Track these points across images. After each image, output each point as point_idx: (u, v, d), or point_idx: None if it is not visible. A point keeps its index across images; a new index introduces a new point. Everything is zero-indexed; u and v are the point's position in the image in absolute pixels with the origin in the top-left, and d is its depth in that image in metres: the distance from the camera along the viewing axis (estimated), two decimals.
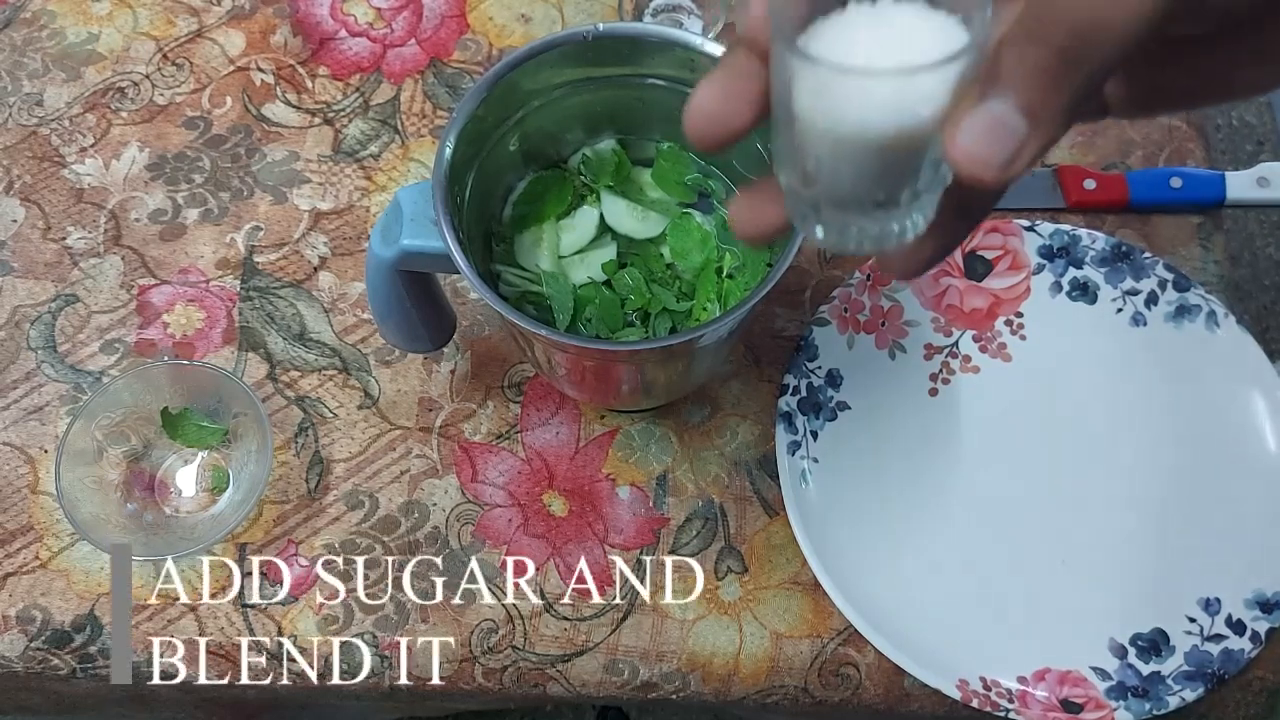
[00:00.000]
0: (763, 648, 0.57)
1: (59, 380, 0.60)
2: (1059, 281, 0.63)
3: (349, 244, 0.64)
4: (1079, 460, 0.60)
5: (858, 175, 0.26)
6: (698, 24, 0.68)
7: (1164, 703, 0.54)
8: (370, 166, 0.66)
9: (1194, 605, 0.57)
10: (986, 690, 0.54)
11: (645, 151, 0.55)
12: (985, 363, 0.62)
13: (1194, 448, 0.60)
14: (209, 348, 0.61)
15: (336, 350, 0.62)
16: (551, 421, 0.60)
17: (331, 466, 0.59)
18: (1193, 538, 0.58)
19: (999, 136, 0.24)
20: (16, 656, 0.55)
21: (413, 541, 0.58)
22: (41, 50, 0.68)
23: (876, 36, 0.25)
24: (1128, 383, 0.61)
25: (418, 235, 0.46)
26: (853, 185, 0.26)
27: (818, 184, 0.27)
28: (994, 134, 0.24)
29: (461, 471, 0.59)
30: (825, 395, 0.60)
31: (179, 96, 0.67)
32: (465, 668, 0.56)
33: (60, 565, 0.57)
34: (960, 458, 0.60)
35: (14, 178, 0.65)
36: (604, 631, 0.57)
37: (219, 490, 0.59)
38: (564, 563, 0.58)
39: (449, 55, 0.69)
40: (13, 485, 0.58)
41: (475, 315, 0.62)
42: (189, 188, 0.65)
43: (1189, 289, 0.62)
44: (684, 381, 0.56)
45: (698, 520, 0.59)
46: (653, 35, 0.49)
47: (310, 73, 0.68)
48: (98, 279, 0.63)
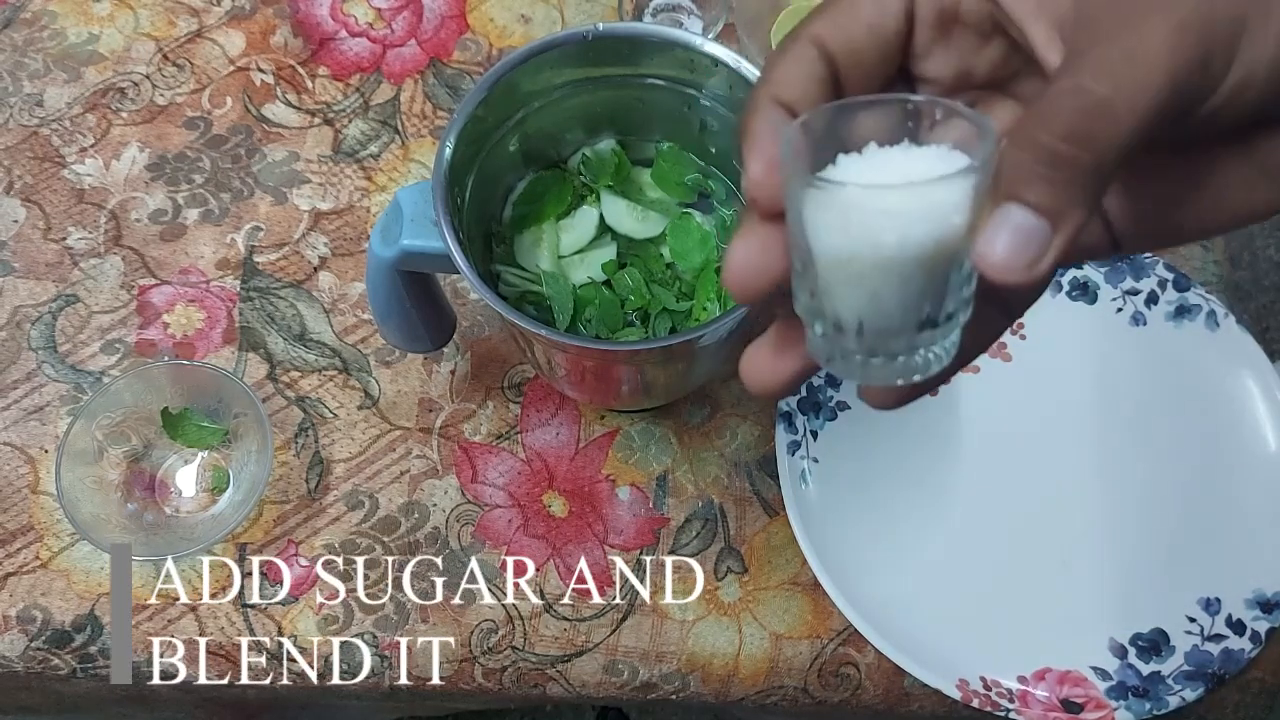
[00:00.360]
0: (762, 648, 0.57)
1: (59, 380, 0.60)
2: (1059, 281, 0.63)
3: (349, 244, 0.64)
4: (1079, 460, 0.60)
5: (903, 301, 0.25)
6: (698, 24, 0.68)
7: (1164, 703, 0.54)
8: (370, 167, 0.66)
9: (1194, 605, 0.57)
10: (987, 690, 0.54)
11: (645, 151, 0.55)
12: (985, 362, 0.62)
13: (1194, 447, 0.60)
14: (209, 348, 0.61)
15: (337, 350, 0.62)
16: (551, 422, 0.60)
17: (331, 467, 0.59)
18: (1193, 537, 0.58)
19: (1022, 241, 0.24)
20: (17, 656, 0.55)
21: (413, 542, 0.58)
22: (42, 51, 0.68)
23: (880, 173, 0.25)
24: (1128, 383, 0.61)
25: (418, 235, 0.46)
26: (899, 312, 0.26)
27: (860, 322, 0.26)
28: (1017, 240, 0.24)
29: (461, 472, 0.59)
30: (825, 395, 0.60)
31: (179, 97, 0.67)
32: (465, 668, 0.56)
33: (60, 565, 0.57)
34: (960, 457, 0.60)
35: (15, 178, 0.65)
36: (604, 632, 0.57)
37: (219, 490, 0.59)
38: (564, 563, 0.58)
39: (449, 56, 0.69)
40: (13, 485, 0.58)
41: (475, 315, 0.62)
42: (189, 188, 0.65)
43: (1189, 289, 0.62)
44: (684, 382, 0.56)
45: (698, 521, 0.59)
46: (653, 35, 0.49)
47: (310, 73, 0.68)
48: (98, 279, 0.63)
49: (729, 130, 0.51)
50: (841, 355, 0.27)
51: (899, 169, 0.25)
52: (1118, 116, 0.23)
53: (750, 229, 0.27)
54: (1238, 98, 0.24)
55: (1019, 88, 0.29)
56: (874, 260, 0.25)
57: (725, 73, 0.48)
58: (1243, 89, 0.24)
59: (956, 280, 0.25)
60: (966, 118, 0.25)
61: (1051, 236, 0.24)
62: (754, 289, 0.27)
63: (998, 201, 0.24)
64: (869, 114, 0.26)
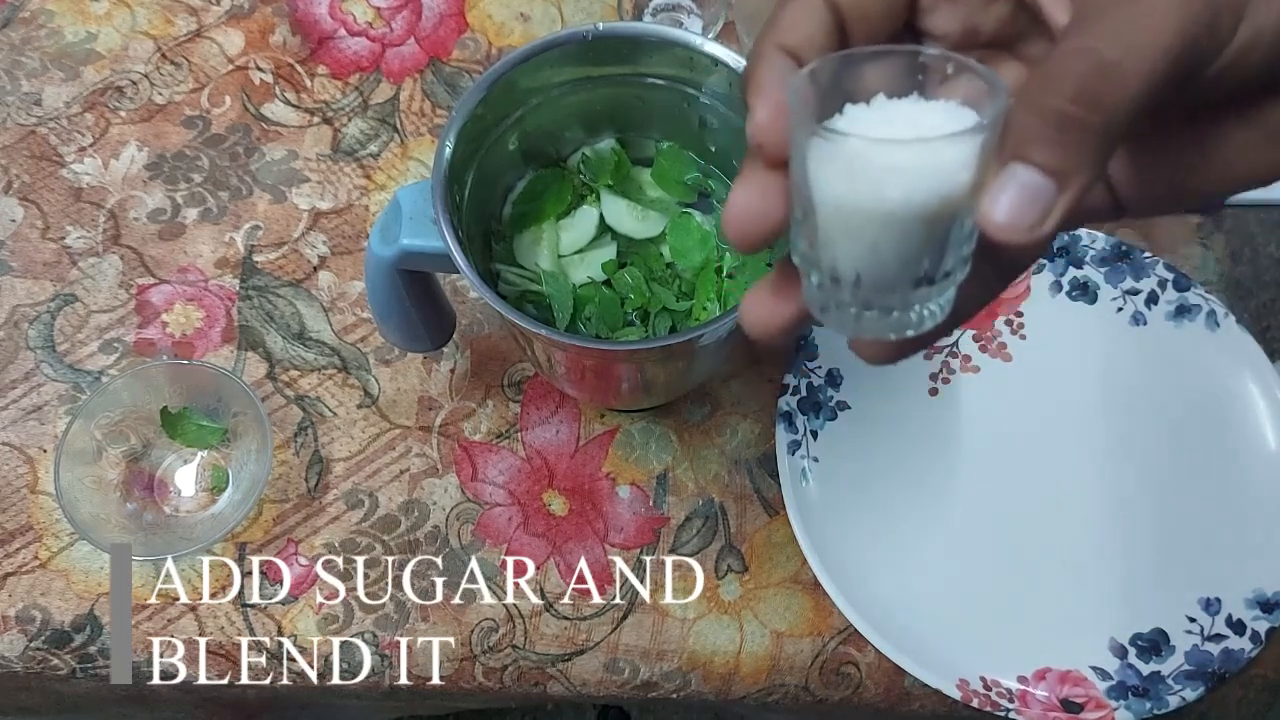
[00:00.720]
0: (763, 647, 0.57)
1: (58, 380, 0.60)
2: (1059, 281, 0.63)
3: (348, 243, 0.64)
4: (1079, 460, 0.60)
5: (902, 255, 0.25)
6: (698, 24, 0.68)
7: (1164, 702, 0.54)
8: (369, 165, 0.66)
9: (1194, 605, 0.57)
10: (987, 690, 0.54)
11: (645, 151, 0.55)
12: (985, 362, 0.62)
13: (1194, 447, 0.60)
14: (208, 347, 0.61)
15: (336, 349, 0.62)
16: (551, 420, 0.60)
17: (331, 466, 0.59)
18: (1193, 537, 0.58)
19: (1027, 201, 0.24)
20: (16, 656, 0.55)
21: (413, 541, 0.58)
22: (40, 49, 0.67)
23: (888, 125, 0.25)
24: (1128, 382, 0.61)
25: (417, 234, 0.45)
26: (897, 266, 0.26)
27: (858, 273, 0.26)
28: (1023, 199, 0.24)
29: (461, 470, 0.59)
30: (825, 395, 0.60)
31: (178, 96, 0.67)
32: (465, 667, 0.56)
33: (60, 565, 0.57)
34: (960, 457, 0.60)
35: (13, 177, 0.64)
36: (604, 631, 0.57)
37: (218, 490, 0.59)
38: (564, 562, 0.58)
39: (448, 54, 0.69)
40: (12, 485, 0.58)
41: (475, 314, 0.62)
42: (188, 187, 0.65)
43: (1189, 288, 0.62)
44: (684, 380, 0.56)
45: (698, 519, 0.59)
46: (652, 35, 0.49)
47: (309, 72, 0.68)
48: (97, 278, 0.62)
49: (729, 129, 0.51)
50: (836, 306, 0.27)
51: (907, 122, 0.25)
52: (1126, 79, 0.23)
53: (752, 175, 0.27)
54: (1244, 59, 0.24)
55: (1025, 48, 0.29)
56: (876, 213, 0.24)
57: (725, 72, 0.48)
58: (1249, 51, 0.24)
59: (957, 238, 0.25)
60: (978, 73, 0.25)
61: (1056, 197, 0.24)
62: (754, 236, 0.27)
63: (1004, 161, 0.24)
64: (878, 65, 0.26)
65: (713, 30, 0.67)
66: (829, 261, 0.26)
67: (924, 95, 0.25)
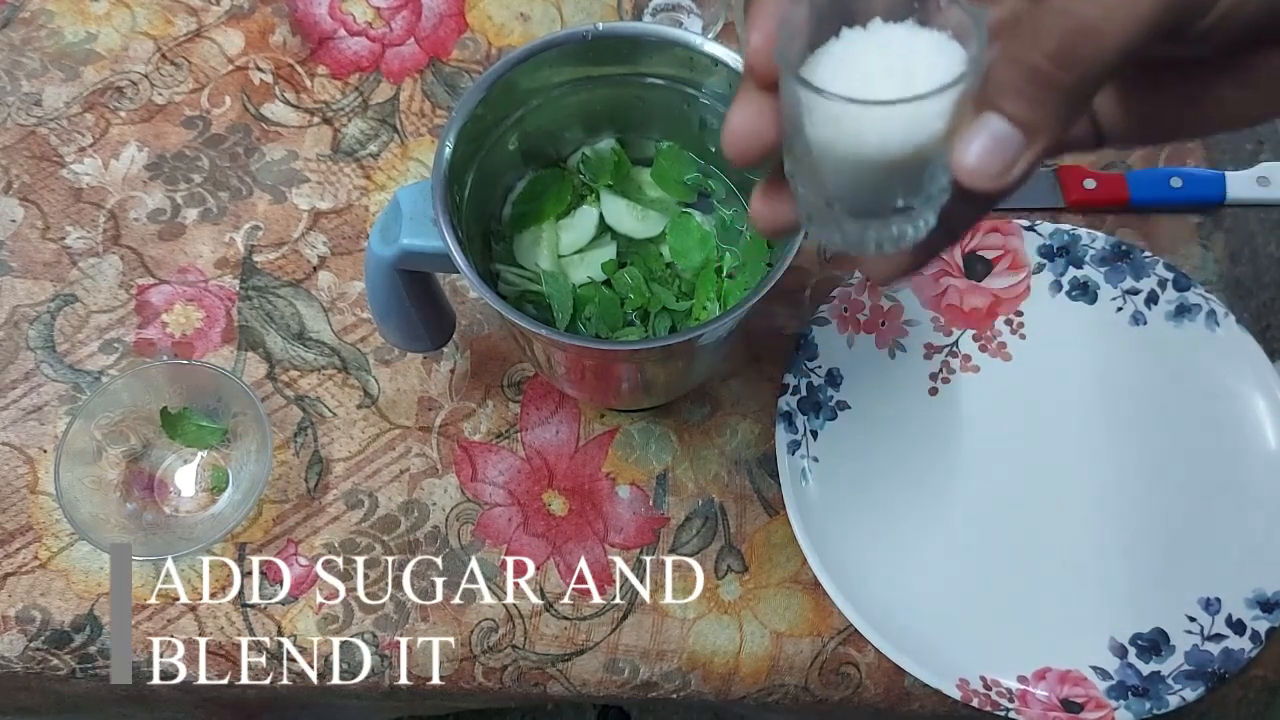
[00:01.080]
0: (763, 647, 0.57)
1: (58, 380, 0.60)
2: (1059, 281, 0.63)
3: (348, 243, 0.64)
4: (1079, 460, 0.60)
5: (878, 190, 0.27)
6: (698, 24, 0.68)
7: (1164, 702, 0.54)
8: (369, 166, 0.66)
9: (1194, 605, 0.57)
10: (987, 690, 0.54)
11: (645, 151, 0.55)
12: (985, 362, 0.62)
13: (1194, 447, 0.60)
14: (208, 347, 0.61)
15: (336, 349, 0.62)
16: (551, 420, 0.60)
17: (331, 466, 0.59)
18: (1193, 537, 0.58)
19: (996, 150, 0.25)
20: (16, 656, 0.55)
21: (413, 541, 0.58)
22: (40, 50, 0.67)
23: (878, 61, 0.26)
24: (1128, 382, 0.61)
25: (417, 234, 0.45)
26: (874, 198, 0.28)
27: (838, 199, 0.28)
28: (991, 148, 0.25)
29: (461, 471, 0.59)
30: (825, 394, 0.60)
31: (178, 96, 0.67)
32: (465, 667, 0.56)
33: (60, 565, 0.57)
34: (960, 457, 0.60)
35: (13, 177, 0.64)
36: (604, 631, 0.57)
37: (218, 490, 0.59)
38: (564, 562, 0.58)
39: (448, 54, 0.69)
40: (12, 485, 0.58)
41: (475, 314, 0.62)
42: (188, 187, 0.65)
43: (1189, 288, 0.62)
44: (684, 380, 0.56)
45: (698, 519, 0.59)
46: (652, 35, 0.49)
47: (309, 72, 0.68)
48: (96, 279, 0.62)
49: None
50: (821, 218, 0.29)
51: (900, 50, 0.26)
52: (1103, 39, 0.24)
53: (748, 96, 0.28)
54: (1236, 12, 0.25)
55: None
56: (855, 155, 0.26)
57: (725, 71, 0.48)
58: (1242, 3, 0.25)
59: (933, 173, 0.27)
60: (963, 9, 0.26)
61: (1024, 148, 0.25)
62: (750, 153, 0.29)
63: (979, 109, 0.25)
64: None
65: (713, 30, 0.67)
66: (815, 183, 0.28)
67: (920, 22, 0.26)
